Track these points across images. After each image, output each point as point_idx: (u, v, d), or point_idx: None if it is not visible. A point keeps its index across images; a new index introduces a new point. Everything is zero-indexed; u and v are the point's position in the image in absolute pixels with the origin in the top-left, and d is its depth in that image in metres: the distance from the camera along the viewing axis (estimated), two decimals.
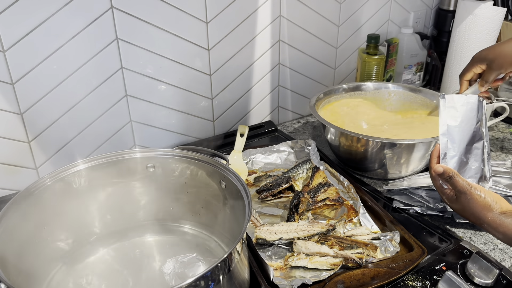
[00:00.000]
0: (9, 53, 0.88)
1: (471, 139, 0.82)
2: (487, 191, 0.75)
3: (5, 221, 0.67)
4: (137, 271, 0.80)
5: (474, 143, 0.82)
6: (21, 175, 0.99)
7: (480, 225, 0.75)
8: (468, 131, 0.82)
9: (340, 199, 0.95)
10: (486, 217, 0.72)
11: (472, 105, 0.83)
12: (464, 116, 0.82)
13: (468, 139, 0.82)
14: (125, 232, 0.86)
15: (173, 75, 1.10)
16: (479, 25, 1.29)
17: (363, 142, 1.00)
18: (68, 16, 0.91)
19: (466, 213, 0.76)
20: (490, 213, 0.72)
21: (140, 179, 0.84)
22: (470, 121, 0.82)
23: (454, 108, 0.82)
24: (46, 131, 0.98)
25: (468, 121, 0.82)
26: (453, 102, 0.82)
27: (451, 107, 0.82)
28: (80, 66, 0.97)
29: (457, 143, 0.81)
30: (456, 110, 0.82)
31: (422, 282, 0.76)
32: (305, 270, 0.78)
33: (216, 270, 0.60)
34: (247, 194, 0.71)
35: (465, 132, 0.82)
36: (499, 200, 0.73)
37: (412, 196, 0.96)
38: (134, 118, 1.09)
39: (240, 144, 1.14)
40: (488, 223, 0.73)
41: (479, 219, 0.74)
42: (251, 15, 1.15)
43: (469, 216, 0.76)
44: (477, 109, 0.83)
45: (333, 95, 1.21)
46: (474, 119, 0.82)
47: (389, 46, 1.37)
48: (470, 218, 0.76)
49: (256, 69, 1.23)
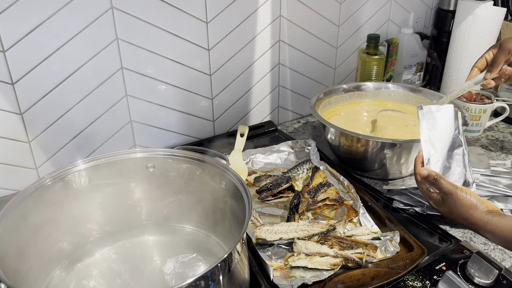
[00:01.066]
0: (9, 53, 0.88)
1: (451, 145, 0.85)
2: (472, 192, 0.76)
3: (5, 221, 0.67)
4: (137, 271, 0.80)
5: (454, 149, 0.85)
6: (21, 175, 0.99)
7: (469, 226, 0.76)
8: (448, 138, 0.85)
9: (340, 199, 0.95)
10: (473, 216, 0.73)
11: (449, 115, 0.86)
12: (442, 124, 0.85)
13: (449, 145, 0.85)
14: (125, 232, 0.86)
15: (173, 75, 1.10)
16: (479, 25, 1.29)
17: (363, 142, 1.00)
18: (68, 16, 0.91)
19: (454, 215, 0.77)
20: (477, 212, 0.73)
21: (140, 179, 0.84)
22: (448, 129, 0.86)
23: (432, 117, 0.85)
24: (46, 131, 0.98)
25: (447, 129, 0.86)
26: (431, 112, 0.85)
27: (430, 117, 0.85)
28: (80, 66, 0.97)
29: (439, 149, 0.84)
30: (434, 119, 0.85)
31: (422, 282, 0.76)
32: (305, 270, 0.78)
33: (216, 270, 0.60)
34: (247, 194, 0.71)
35: (444, 138, 0.85)
36: (484, 201, 0.75)
37: (412, 196, 0.96)
38: (134, 118, 1.09)
39: (240, 144, 1.14)
40: (476, 222, 0.73)
41: (466, 219, 0.75)
42: (251, 15, 1.15)
43: (456, 217, 0.77)
44: (454, 118, 0.86)
45: (333, 95, 1.21)
46: (452, 126, 0.86)
47: (389, 46, 1.37)
48: (458, 219, 0.77)
49: (256, 69, 1.23)
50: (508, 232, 0.69)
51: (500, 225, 0.70)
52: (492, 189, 0.94)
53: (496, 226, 0.71)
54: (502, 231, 0.70)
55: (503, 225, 0.70)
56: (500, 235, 0.71)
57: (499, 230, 0.70)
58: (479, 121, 1.24)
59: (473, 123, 1.24)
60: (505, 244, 0.72)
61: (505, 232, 0.70)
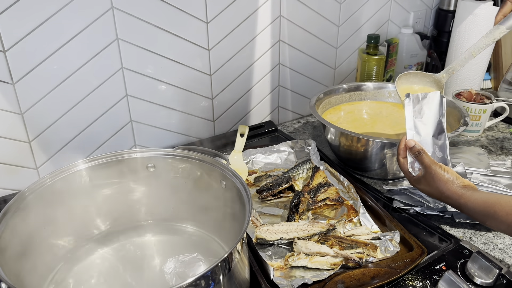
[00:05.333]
0: (9, 53, 0.88)
1: (435, 132, 0.89)
2: (449, 169, 0.82)
3: (5, 221, 0.67)
4: (137, 271, 0.80)
5: (438, 135, 0.89)
6: (21, 175, 0.99)
7: (445, 199, 0.82)
8: (433, 125, 0.89)
9: (340, 199, 0.95)
10: (449, 190, 0.79)
11: (435, 101, 0.89)
12: (428, 111, 0.89)
13: (433, 132, 0.89)
14: (125, 232, 0.86)
15: (173, 75, 1.10)
16: (479, 25, 1.29)
17: (363, 142, 1.00)
18: (68, 16, 0.91)
19: (431, 189, 0.82)
20: (452, 186, 0.79)
21: (140, 179, 0.85)
22: (433, 115, 0.89)
23: (419, 105, 0.89)
24: (46, 131, 0.98)
25: (432, 116, 0.89)
26: (418, 100, 0.89)
27: (416, 104, 0.89)
28: (80, 66, 0.97)
29: (423, 136, 0.88)
30: (421, 106, 0.89)
31: (422, 282, 0.76)
32: (305, 270, 0.78)
33: (216, 269, 0.60)
34: (247, 194, 0.71)
35: (429, 125, 0.89)
36: (460, 177, 0.80)
37: (412, 196, 0.96)
38: (134, 118, 1.09)
39: (240, 144, 1.14)
40: (450, 195, 0.79)
41: (442, 193, 0.80)
42: (251, 15, 1.15)
43: (434, 192, 0.82)
44: (439, 104, 0.89)
45: (333, 95, 1.21)
46: (437, 113, 0.89)
47: (389, 46, 1.37)
48: (435, 193, 0.82)
49: (256, 69, 1.23)
50: (478, 205, 0.75)
51: (472, 198, 0.76)
52: (492, 189, 0.94)
53: (469, 199, 0.77)
54: (474, 204, 0.76)
55: (474, 198, 0.76)
56: (472, 208, 0.76)
57: (471, 203, 0.76)
58: (479, 121, 1.24)
59: (473, 123, 1.24)
60: (475, 216, 0.77)
61: (476, 205, 0.76)
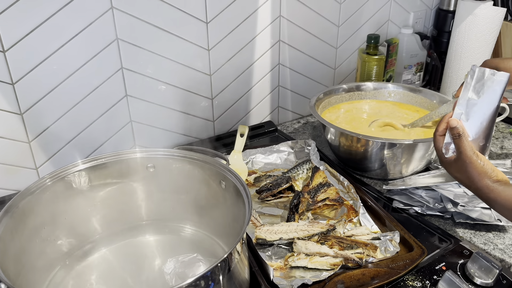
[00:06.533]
0: (9, 53, 0.88)
1: (486, 117, 0.78)
2: (487, 161, 0.75)
3: (5, 221, 0.67)
4: (137, 271, 0.80)
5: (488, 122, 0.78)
6: (21, 175, 0.99)
7: (473, 191, 0.77)
8: (486, 109, 0.78)
9: (340, 199, 0.95)
10: (480, 182, 0.74)
11: (501, 84, 0.76)
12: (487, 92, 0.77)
13: (483, 117, 0.78)
14: (125, 232, 0.86)
15: (173, 75, 1.10)
16: (479, 25, 1.29)
17: (363, 142, 1.00)
18: (68, 16, 0.91)
19: (462, 176, 0.77)
20: (486, 179, 0.74)
21: (140, 179, 0.85)
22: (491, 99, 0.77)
23: (481, 82, 0.77)
24: (46, 131, 0.98)
25: (489, 99, 0.77)
26: (483, 76, 0.77)
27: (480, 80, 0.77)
28: (80, 66, 0.97)
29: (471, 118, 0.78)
30: (482, 84, 0.77)
31: (422, 282, 0.76)
32: (305, 270, 0.78)
33: (216, 270, 0.60)
34: (247, 194, 0.71)
35: (483, 108, 0.78)
36: (496, 170, 0.75)
37: (412, 196, 0.96)
38: (134, 118, 1.09)
39: (240, 144, 1.14)
40: (481, 187, 0.74)
41: (473, 183, 0.75)
42: (251, 15, 1.15)
43: (464, 180, 0.77)
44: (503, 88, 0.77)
45: (333, 95, 1.21)
46: (496, 97, 0.77)
47: (389, 46, 1.37)
48: (465, 181, 0.77)
49: (256, 69, 1.23)
50: (509, 202, 0.72)
51: (503, 194, 0.72)
52: None
53: (499, 194, 0.73)
54: (503, 201, 0.72)
55: (505, 195, 0.72)
56: (500, 204, 0.73)
57: (500, 199, 0.73)
58: None
59: None
60: (504, 212, 0.74)
61: (505, 202, 0.72)
